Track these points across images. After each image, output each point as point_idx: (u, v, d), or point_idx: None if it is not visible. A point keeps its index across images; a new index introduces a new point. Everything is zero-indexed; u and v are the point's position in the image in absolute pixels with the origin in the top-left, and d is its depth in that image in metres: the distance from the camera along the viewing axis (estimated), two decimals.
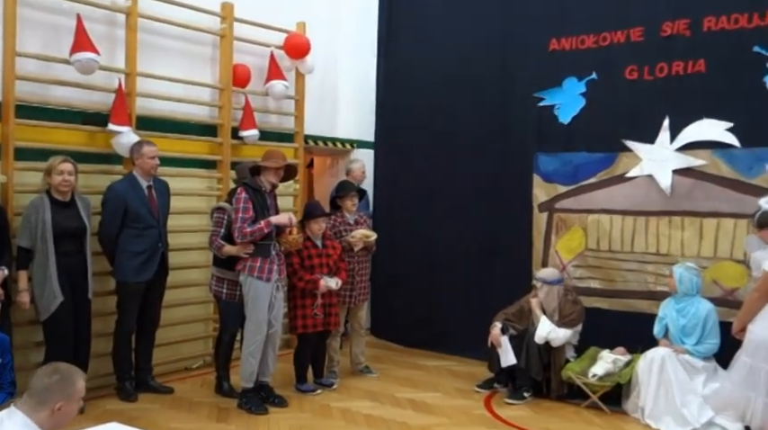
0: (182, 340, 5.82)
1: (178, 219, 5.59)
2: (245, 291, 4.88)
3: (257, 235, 4.78)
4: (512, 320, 5.43)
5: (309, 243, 5.30)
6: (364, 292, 5.83)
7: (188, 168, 5.84)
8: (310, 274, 5.18)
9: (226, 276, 5.08)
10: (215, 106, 6.04)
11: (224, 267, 5.06)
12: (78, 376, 2.61)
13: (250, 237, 4.78)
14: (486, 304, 6.02)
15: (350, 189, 5.77)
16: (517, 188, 6.09)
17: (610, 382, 5.01)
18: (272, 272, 4.87)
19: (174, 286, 5.55)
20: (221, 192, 5.89)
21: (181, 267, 5.63)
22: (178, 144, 5.70)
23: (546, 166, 5.96)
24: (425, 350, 6.67)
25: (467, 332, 6.31)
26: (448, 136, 6.59)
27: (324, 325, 5.26)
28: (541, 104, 6.00)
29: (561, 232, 5.90)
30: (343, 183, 5.96)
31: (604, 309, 5.67)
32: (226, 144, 6.01)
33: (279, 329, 5.03)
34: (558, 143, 5.90)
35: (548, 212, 5.98)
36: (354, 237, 5.60)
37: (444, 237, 6.62)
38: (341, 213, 5.77)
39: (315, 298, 5.18)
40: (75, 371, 2.62)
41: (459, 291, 6.52)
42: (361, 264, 5.76)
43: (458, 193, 6.53)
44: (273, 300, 4.90)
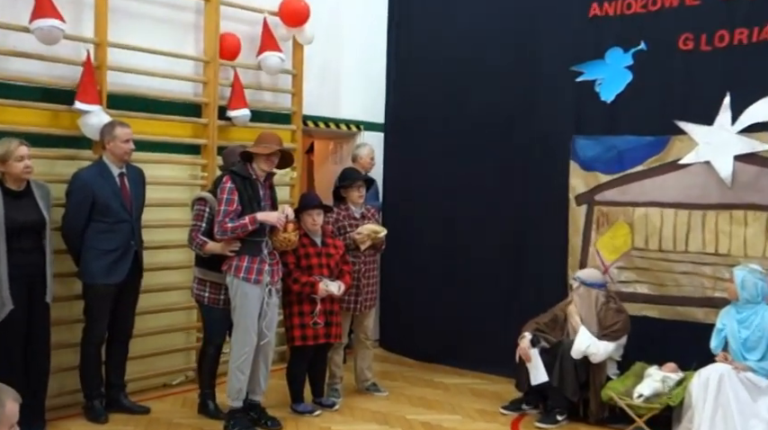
0: (159, 352, 5.82)
1: (155, 213, 5.58)
2: (232, 294, 4.88)
3: (240, 232, 4.77)
4: (544, 331, 5.41)
5: (307, 240, 5.28)
6: (372, 298, 5.82)
7: (167, 154, 5.83)
8: (307, 276, 5.15)
9: (208, 278, 5.07)
10: (199, 82, 6.03)
11: (206, 267, 5.06)
12: (7, 397, 2.52)
13: (231, 234, 4.77)
14: (514, 312, 6.00)
15: (356, 178, 5.76)
16: (551, 178, 6.07)
17: (658, 404, 4.96)
18: (261, 273, 4.85)
19: (151, 290, 5.54)
20: (206, 181, 5.89)
21: (158, 268, 5.63)
22: (156, 125, 5.68)
23: (585, 152, 5.93)
24: (443, 365, 6.68)
25: (491, 344, 6.31)
26: (469, 117, 6.59)
27: (325, 336, 5.24)
28: (580, 80, 5.97)
29: (603, 228, 5.87)
30: (349, 171, 5.96)
31: (653, 317, 5.66)
32: (212, 125, 6.00)
33: (272, 340, 5.02)
34: (599, 125, 5.89)
35: (587, 205, 5.95)
36: (361, 234, 5.58)
37: (465, 233, 6.62)
38: (345, 206, 5.75)
39: (314, 304, 5.17)
40: (2, 390, 2.54)
41: (482, 296, 6.53)
42: (369, 265, 5.74)
43: (481, 184, 6.52)
44: (265, 307, 4.89)
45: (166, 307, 5.82)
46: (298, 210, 5.25)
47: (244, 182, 4.82)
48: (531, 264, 6.24)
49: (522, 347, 5.29)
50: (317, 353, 5.33)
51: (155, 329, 5.76)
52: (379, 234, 5.63)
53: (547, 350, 5.30)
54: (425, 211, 6.85)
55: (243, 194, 4.79)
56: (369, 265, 5.74)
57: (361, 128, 7.49)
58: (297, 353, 5.29)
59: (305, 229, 5.28)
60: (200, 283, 5.12)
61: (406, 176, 7.02)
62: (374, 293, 5.86)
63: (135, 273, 5.09)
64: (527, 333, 5.36)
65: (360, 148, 6.92)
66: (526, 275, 6.27)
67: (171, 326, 5.90)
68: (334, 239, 5.46)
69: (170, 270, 5.79)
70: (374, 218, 5.92)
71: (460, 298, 6.64)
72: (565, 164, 5.98)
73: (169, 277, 5.80)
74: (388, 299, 7.06)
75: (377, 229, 5.65)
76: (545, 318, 5.48)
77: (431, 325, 6.82)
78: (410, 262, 6.92)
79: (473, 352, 6.53)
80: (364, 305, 5.72)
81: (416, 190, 6.93)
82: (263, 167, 4.86)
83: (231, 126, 6.17)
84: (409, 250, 6.91)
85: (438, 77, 6.79)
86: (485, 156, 6.48)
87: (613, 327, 5.21)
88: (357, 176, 5.80)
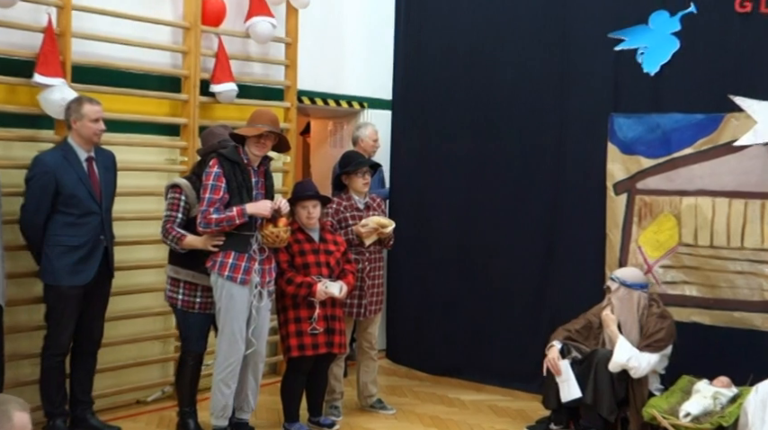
0: (132, 364, 5.83)
1: (128, 203, 5.58)
2: (216, 295, 4.89)
3: (225, 224, 4.78)
4: (575, 339, 5.40)
5: (302, 235, 5.28)
6: (377, 301, 5.83)
7: (141, 135, 5.84)
8: (303, 276, 5.14)
9: (181, 277, 5.08)
10: (178, 51, 6.03)
11: (179, 265, 5.06)
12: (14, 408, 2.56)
13: (215, 227, 4.77)
14: (542, 318, 6.02)
15: (361, 162, 5.77)
16: (585, 163, 6.06)
17: (708, 424, 4.92)
18: (250, 272, 4.86)
19: (123, 292, 5.55)
20: (186, 166, 5.89)
21: (131, 267, 5.63)
22: (128, 102, 5.68)
23: (625, 133, 5.92)
24: (459, 379, 6.69)
25: (515, 355, 6.32)
26: (492, 93, 6.58)
27: (326, 345, 5.24)
28: (619, 48, 5.96)
29: (646, 221, 5.85)
30: (352, 155, 5.96)
31: (703, 324, 5.66)
32: (192, 102, 6.00)
33: (262, 350, 5.03)
34: (641, 101, 5.87)
35: (627, 195, 5.93)
36: (366, 227, 5.56)
37: (485, 227, 6.62)
38: (347, 195, 5.76)
39: (312, 308, 5.17)
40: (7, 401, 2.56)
41: (504, 299, 6.52)
42: (374, 264, 5.75)
43: (504, 170, 6.52)
44: (254, 311, 4.90)
45: (140, 311, 5.83)
46: (291, 201, 5.24)
47: (233, 167, 4.83)
48: (563, 263, 6.24)
49: (550, 358, 5.29)
50: (316, 366, 5.33)
51: (127, 337, 5.76)
52: (386, 228, 5.63)
53: (579, 361, 5.29)
54: (440, 202, 6.86)
55: (231, 181, 4.80)
56: (374, 264, 5.75)
57: (365, 105, 7.48)
58: (293, 365, 5.29)
59: (299, 223, 5.27)
60: (172, 284, 5.13)
61: (418, 161, 7.03)
62: (380, 296, 5.88)
63: (104, 272, 5.07)
64: (556, 342, 5.36)
65: (361, 129, 6.93)
66: (556, 275, 6.28)
67: (145, 334, 5.91)
68: (333, 234, 5.46)
69: (145, 269, 5.80)
70: (380, 209, 5.92)
71: (480, 301, 6.64)
72: (602, 146, 5.96)
73: (144, 277, 5.80)
74: (396, 302, 7.07)
75: (384, 222, 5.65)
76: (577, 324, 5.47)
77: (445, 332, 6.82)
78: (421, 260, 6.93)
79: (494, 363, 6.54)
80: (369, 310, 5.73)
81: (429, 177, 6.93)
82: (254, 151, 4.87)
83: (215, 103, 6.17)
84: (420, 246, 6.92)
85: (455, 47, 6.77)
86: (509, 139, 6.48)
87: (657, 336, 5.19)
88: (362, 161, 5.80)
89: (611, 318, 5.30)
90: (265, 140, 4.86)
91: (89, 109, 4.95)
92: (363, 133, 6.84)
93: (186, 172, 5.81)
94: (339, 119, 7.64)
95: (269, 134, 4.86)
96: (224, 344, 4.86)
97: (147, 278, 5.82)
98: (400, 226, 5.95)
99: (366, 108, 7.46)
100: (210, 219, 4.75)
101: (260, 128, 4.84)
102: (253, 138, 4.83)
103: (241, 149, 4.87)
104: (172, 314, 5.90)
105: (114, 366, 5.65)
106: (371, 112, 7.42)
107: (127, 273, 5.55)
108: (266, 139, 4.87)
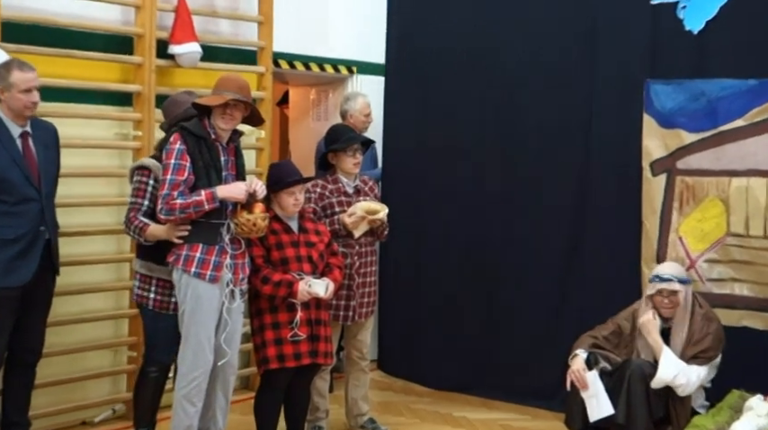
0: (78, 378, 5.82)
1: (73, 186, 5.56)
2: (180, 295, 4.89)
3: (192, 211, 4.76)
4: (603, 347, 5.43)
5: (278, 225, 5.27)
6: (370, 303, 5.84)
7: (88, 105, 5.84)
8: (282, 273, 5.13)
9: (155, 274, 5.10)
10: (130, 5, 6.02)
11: (152, 260, 5.08)
12: None
13: (180, 214, 4.75)
14: (565, 322, 6.06)
15: (351, 138, 5.77)
16: (616, 138, 6.10)
17: None
18: (220, 267, 4.86)
19: (68, 292, 5.54)
20: (141, 142, 5.88)
21: (78, 262, 5.63)
22: (70, 66, 5.68)
23: (663, 102, 5.93)
24: (465, 394, 6.73)
25: (532, 366, 6.36)
26: (506, 56, 6.58)
27: (309, 354, 5.23)
28: (656, 2, 5.99)
29: (688, 207, 5.88)
30: (341, 130, 5.96)
31: (756, 329, 5.69)
32: (147, 66, 6.00)
33: (234, 361, 5.04)
34: (683, 64, 5.91)
35: (666, 176, 5.95)
36: (353, 216, 5.58)
37: (496, 216, 6.65)
38: (334, 177, 5.76)
39: (292, 311, 5.17)
40: None
41: (519, 301, 6.55)
42: (365, 259, 5.76)
43: (518, 148, 6.55)
44: (225, 314, 4.90)
45: (88, 315, 5.82)
46: (271, 187, 5.24)
47: (199, 143, 4.82)
48: (590, 258, 6.27)
49: (574, 370, 5.31)
50: (297, 379, 5.32)
51: (72, 346, 5.76)
52: (378, 214, 5.62)
53: (608, 373, 5.30)
54: (442, 186, 6.88)
55: (197, 160, 4.79)
56: (365, 258, 5.75)
57: (355, 70, 7.48)
58: (270, 378, 5.28)
59: (278, 211, 5.28)
60: (143, 281, 5.14)
61: (416, 138, 7.04)
62: (373, 297, 5.89)
63: (46, 269, 5.04)
64: (581, 350, 5.38)
65: (350, 101, 6.93)
66: (582, 272, 6.31)
67: (94, 342, 5.90)
68: (315, 223, 5.47)
69: (94, 265, 5.79)
70: (373, 193, 5.93)
71: (490, 302, 6.67)
72: (636, 118, 5.98)
73: (92, 274, 5.80)
74: (390, 304, 7.08)
75: (375, 207, 5.66)
76: (605, 330, 5.50)
77: (449, 340, 6.85)
78: (420, 254, 6.96)
79: (507, 376, 6.57)
80: (359, 313, 5.73)
81: (430, 156, 6.95)
82: (220, 125, 4.87)
83: (175, 67, 6.17)
84: (418, 238, 6.94)
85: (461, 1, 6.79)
86: (526, 111, 6.49)
87: (703, 344, 5.22)
88: (353, 137, 5.80)
89: (654, 323, 5.30)
90: (232, 111, 4.85)
91: (19, 77, 4.89)
92: (352, 106, 6.85)
93: (141, 149, 5.83)
94: (323, 86, 7.63)
95: (236, 104, 4.84)
96: (189, 353, 4.84)
97: (97, 275, 5.82)
98: (394, 214, 5.95)
99: (355, 74, 7.46)
100: (174, 204, 4.73)
101: (225, 96, 4.82)
102: (218, 108, 4.82)
103: (207, 122, 4.86)
104: (125, 318, 5.97)
105: (56, 380, 5.64)
106: (362, 79, 7.42)
107: (72, 269, 5.52)
108: (234, 110, 4.85)
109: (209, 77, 5.70)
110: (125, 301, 6.00)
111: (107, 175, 5.79)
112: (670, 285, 5.30)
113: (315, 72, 7.25)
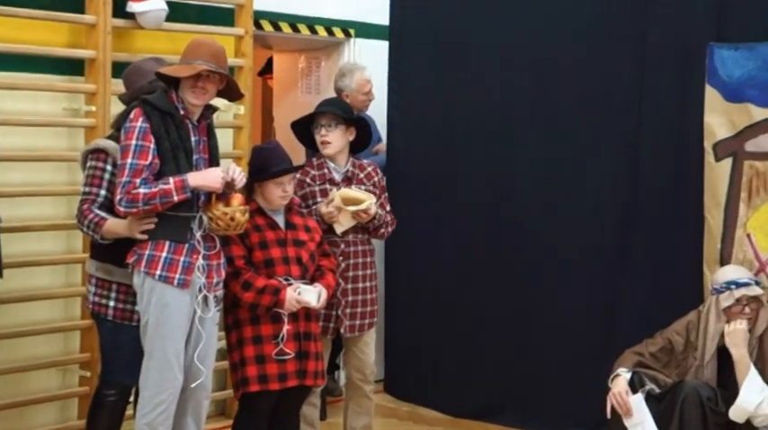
0: (21, 402, 5.85)
1: (12, 172, 5.63)
2: (143, 303, 4.89)
3: (158, 202, 4.76)
4: (650, 366, 5.45)
5: (263, 219, 5.31)
6: (364, 314, 5.84)
7: (29, 74, 5.87)
8: (266, 278, 5.17)
9: (114, 278, 5.11)
10: None
11: (110, 261, 5.09)
12: None
13: (143, 206, 4.75)
14: (606, 336, 6.07)
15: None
16: (673, 115, 6.10)
17: None
18: (191, 270, 4.87)
19: (7, 299, 5.57)
20: (95, 119, 5.90)
21: (19, 263, 5.64)
22: (8, 26, 5.70)
23: (730, 71, 5.89)
24: (489, 423, 6.74)
25: (568, 390, 6.37)
26: (539, 14, 6.58)
27: (297, 375, 5.26)
28: None
29: (758, 198, 5.85)
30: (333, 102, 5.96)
31: None
32: (102, 27, 6.01)
33: (207, 382, 5.05)
34: (754, 26, 5.91)
35: (732, 160, 5.92)
36: (330, 205, 5.58)
37: (526, 209, 6.67)
38: (320, 161, 5.81)
39: (278, 323, 5.19)
40: None
41: (554, 312, 6.56)
42: (353, 260, 5.78)
43: (555, 128, 6.56)
44: (197, 325, 4.93)
45: (32, 327, 5.84)
46: (255, 175, 5.28)
47: (165, 120, 4.82)
48: (639, 259, 6.28)
49: (616, 393, 5.33)
50: (282, 404, 5.34)
51: (13, 365, 5.79)
52: (360, 205, 5.58)
53: (657, 397, 5.33)
54: (459, 173, 6.90)
55: (163, 140, 4.79)
56: (354, 260, 5.78)
57: (352, 33, 7.52)
58: (250, 403, 5.30)
59: (262, 203, 5.31)
60: (101, 287, 5.15)
61: (426, 115, 7.06)
62: (369, 306, 5.86)
63: None
64: (623, 370, 5.40)
65: (345, 77, 6.98)
66: (628, 275, 6.31)
67: (39, 360, 5.92)
68: (304, 218, 5.50)
69: (38, 267, 5.83)
70: (371, 181, 5.86)
71: (519, 314, 6.68)
72: (696, 91, 5.97)
73: (37, 279, 5.84)
74: (397, 315, 7.11)
75: (357, 196, 5.62)
76: (653, 345, 5.52)
77: (468, 358, 6.86)
78: (432, 255, 6.97)
79: (539, 401, 6.58)
80: (347, 325, 5.76)
81: (443, 137, 6.96)
82: (190, 99, 4.87)
83: (135, 28, 6.20)
84: (430, 237, 6.95)
85: None
86: (565, 81, 6.50)
87: None
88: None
89: (746, 334, 5.27)
90: (204, 84, 4.84)
91: None
92: (348, 84, 6.91)
93: (95, 127, 5.83)
94: (314, 53, 7.67)
95: (209, 75, 4.84)
96: (153, 373, 4.84)
97: (44, 279, 5.85)
98: (400, 207, 6.02)
99: (353, 37, 7.50)
100: (136, 194, 4.72)
101: (196, 66, 4.81)
102: (187, 80, 4.82)
103: (174, 95, 4.87)
104: (76, 330, 5.98)
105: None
106: (360, 43, 7.48)
107: (13, 272, 5.51)
108: (206, 82, 4.85)
109: (177, 41, 5.73)
110: (76, 311, 6.02)
111: (54, 159, 5.81)
112: (750, 290, 5.32)
113: (304, 35, 7.29)
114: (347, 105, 5.97)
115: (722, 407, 5.20)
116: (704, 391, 5.22)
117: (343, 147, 5.78)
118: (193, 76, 4.80)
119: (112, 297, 5.12)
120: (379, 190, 5.89)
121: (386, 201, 5.93)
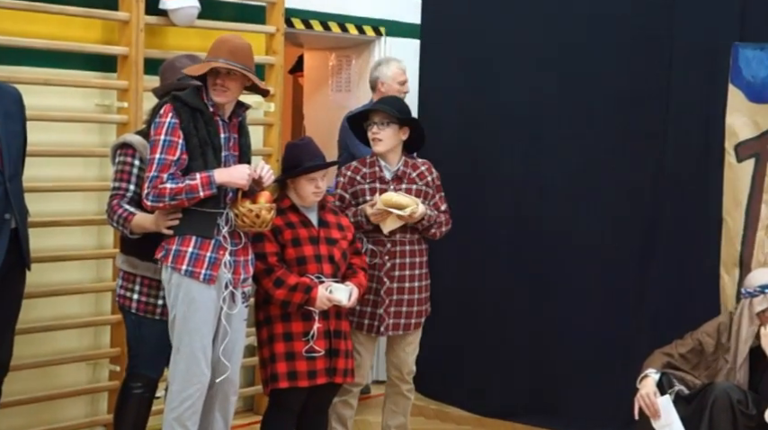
0: (51, 396, 5.86)
1: (44, 168, 5.62)
2: (170, 298, 4.92)
3: (184, 198, 4.78)
4: (679, 367, 5.44)
5: (296, 216, 5.32)
6: (410, 314, 5.80)
7: (62, 69, 5.88)
8: (297, 276, 5.15)
9: (139, 271, 5.14)
10: None
11: (135, 255, 5.12)
12: None
13: (169, 200, 4.77)
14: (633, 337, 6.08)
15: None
16: (695, 115, 6.08)
17: None
18: (217, 265, 4.88)
19: (39, 294, 5.58)
20: (127, 115, 5.93)
21: (51, 258, 5.66)
22: (41, 22, 5.71)
23: (755, 71, 5.86)
24: (517, 423, 6.75)
25: (595, 390, 6.39)
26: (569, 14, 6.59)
27: (327, 372, 5.27)
28: None
29: None
30: (388, 101, 5.87)
31: None
32: (135, 24, 6.02)
33: (235, 377, 5.07)
34: None
35: (755, 161, 5.89)
36: (374, 207, 5.55)
37: (554, 208, 6.70)
38: (372, 159, 5.76)
39: (309, 321, 5.20)
40: None
41: (581, 312, 6.57)
42: (399, 260, 5.73)
43: (583, 125, 6.57)
44: (224, 322, 4.94)
45: (63, 322, 5.86)
46: (288, 171, 5.28)
47: (194, 116, 4.83)
48: (663, 259, 6.28)
49: (644, 394, 5.31)
50: (311, 401, 5.35)
51: (44, 359, 5.80)
52: (403, 209, 5.51)
53: (686, 399, 5.29)
54: (490, 171, 6.93)
55: (191, 136, 4.81)
56: (401, 259, 5.72)
57: (383, 31, 7.51)
58: (279, 399, 5.31)
59: (296, 200, 5.32)
60: (126, 280, 5.19)
61: (458, 112, 7.06)
62: (416, 306, 5.81)
63: (13, 266, 5.00)
64: (652, 370, 5.39)
65: (381, 67, 6.96)
66: (655, 276, 6.31)
67: (69, 354, 5.95)
68: (337, 215, 5.50)
69: (69, 262, 5.84)
70: (424, 180, 5.80)
71: (547, 313, 6.69)
72: (719, 91, 5.94)
73: (68, 273, 5.85)
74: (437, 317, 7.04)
75: (401, 201, 5.55)
76: (682, 346, 5.50)
77: (497, 357, 6.87)
78: (462, 254, 6.97)
79: (563, 401, 6.61)
80: (389, 324, 5.73)
81: (475, 135, 6.98)
82: (213, 97, 4.87)
83: (167, 25, 6.22)
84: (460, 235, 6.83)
85: None
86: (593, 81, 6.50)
87: None
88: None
89: None
90: (224, 81, 4.82)
91: None
92: (384, 72, 6.87)
93: (127, 123, 5.84)
94: (345, 51, 7.68)
95: (228, 72, 4.81)
96: (181, 367, 4.86)
97: (73, 274, 5.86)
98: None
99: (383, 35, 7.50)
100: (164, 189, 4.74)
101: (207, 63, 4.81)
102: (209, 78, 4.83)
103: (204, 92, 4.87)
104: (105, 327, 6.00)
105: (24, 399, 5.68)
106: (391, 42, 7.48)
107: (44, 267, 5.54)
108: (225, 80, 4.82)
109: (209, 38, 5.64)
110: (107, 306, 6.04)
111: (85, 155, 5.84)
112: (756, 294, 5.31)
113: (335, 33, 7.29)
114: (404, 105, 5.87)
115: (753, 410, 5.15)
116: (735, 394, 5.18)
117: (395, 146, 5.72)
118: (213, 73, 4.80)
119: (136, 290, 5.15)
120: (433, 189, 5.84)
121: (441, 201, 5.87)
